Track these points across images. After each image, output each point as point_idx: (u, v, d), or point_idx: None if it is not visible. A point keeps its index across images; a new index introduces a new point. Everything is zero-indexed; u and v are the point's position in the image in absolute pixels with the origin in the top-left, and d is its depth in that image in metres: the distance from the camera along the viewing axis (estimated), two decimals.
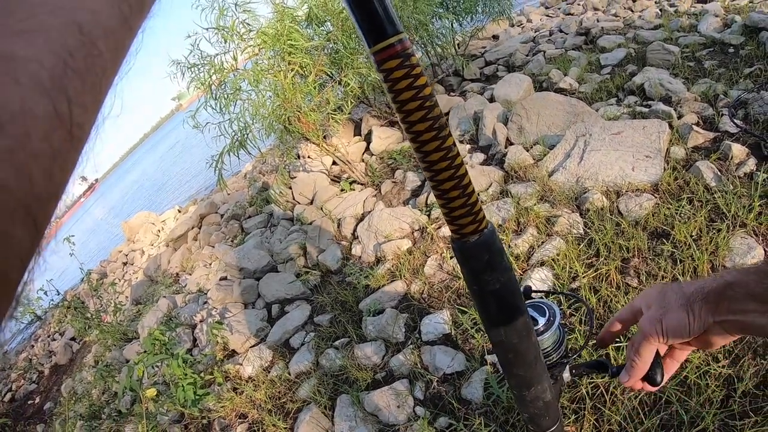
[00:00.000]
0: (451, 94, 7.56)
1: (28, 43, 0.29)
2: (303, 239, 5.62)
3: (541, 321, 1.09)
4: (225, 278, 5.93)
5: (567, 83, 6.04)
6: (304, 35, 5.55)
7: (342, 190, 6.33)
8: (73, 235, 7.90)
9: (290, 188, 6.84)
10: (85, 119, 0.33)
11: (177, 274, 8.03)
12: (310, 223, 5.96)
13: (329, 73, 6.00)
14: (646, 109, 4.80)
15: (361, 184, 6.21)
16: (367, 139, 7.23)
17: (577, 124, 4.60)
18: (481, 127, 5.61)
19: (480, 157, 5.30)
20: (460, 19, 7.90)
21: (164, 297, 6.57)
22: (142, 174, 52.71)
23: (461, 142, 5.80)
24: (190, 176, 23.62)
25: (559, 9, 11.66)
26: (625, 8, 9.26)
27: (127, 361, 5.82)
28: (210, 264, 7.05)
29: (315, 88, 5.47)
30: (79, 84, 0.32)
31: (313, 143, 5.86)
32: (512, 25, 10.39)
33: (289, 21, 5.36)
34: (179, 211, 14.68)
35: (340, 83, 5.91)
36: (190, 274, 7.21)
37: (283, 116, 5.35)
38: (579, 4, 10.91)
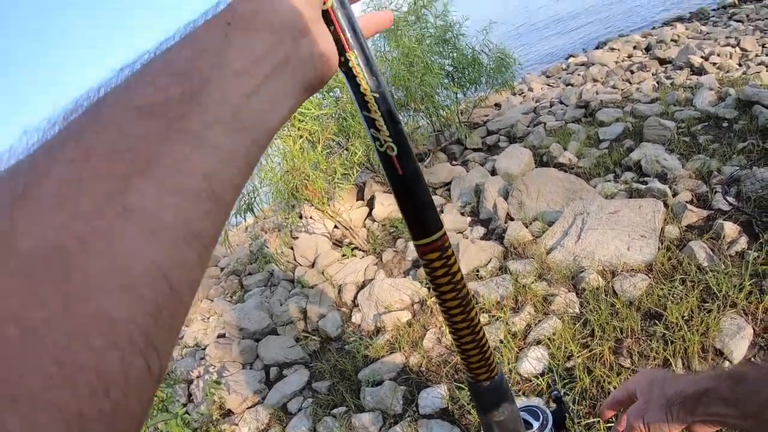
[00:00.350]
0: (453, 162, 7.70)
1: (123, 302, 0.31)
2: (303, 303, 5.68)
3: (535, 425, 1.19)
4: (223, 335, 5.97)
5: (566, 158, 6.18)
6: (314, 101, 5.72)
7: (343, 255, 6.40)
8: None
9: (292, 249, 6.91)
10: (166, 362, 0.35)
11: None
12: (311, 287, 6.01)
13: (337, 140, 6.14)
14: (643, 186, 4.92)
15: (363, 251, 6.29)
16: (370, 204, 7.30)
17: (575, 202, 4.73)
18: (482, 200, 5.73)
19: (480, 230, 5.40)
20: (465, 89, 8.13)
21: None
22: None
23: (462, 214, 5.91)
24: None
25: (559, 78, 11.98)
26: (623, 80, 9.50)
27: None
28: (208, 318, 7.06)
29: (323, 156, 5.60)
30: (166, 335, 0.34)
31: (317, 208, 5.98)
32: (514, 94, 10.61)
33: None
34: None
35: (347, 150, 6.05)
36: (187, 326, 7.22)
37: (291, 183, 5.47)
38: (579, 75, 11.20)
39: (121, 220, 0.32)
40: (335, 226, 6.90)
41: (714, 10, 14.97)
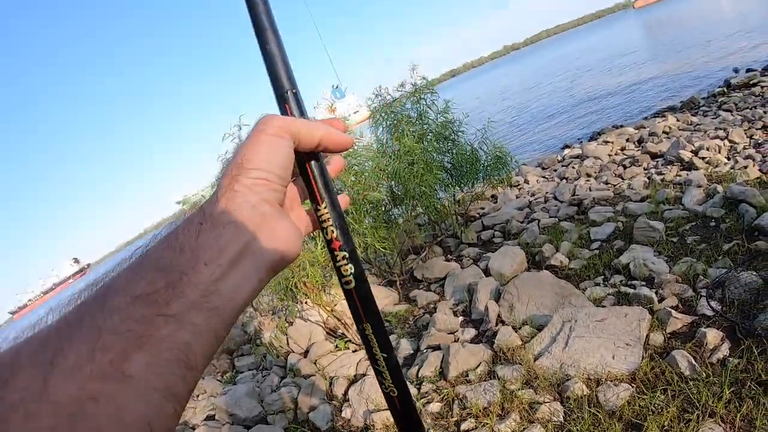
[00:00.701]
0: (449, 257, 7.86)
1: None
2: (295, 392, 5.71)
3: None
4: (213, 417, 5.98)
5: (558, 260, 6.34)
6: None
7: (336, 347, 6.46)
8: None
9: (286, 334, 6.95)
10: (185, 404, 0.53)
11: None
12: (304, 377, 6.06)
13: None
14: (631, 290, 5.05)
15: (356, 345, 6.35)
16: None
17: (564, 309, 4.86)
18: (474, 300, 5.85)
19: (471, 332, 5.50)
20: (462, 185, 8.34)
21: None
22: None
23: (455, 313, 6.02)
24: None
25: (554, 171, 12.22)
26: (615, 175, 9.71)
27: None
28: (197, 396, 7.02)
29: (322, 252, 5.74)
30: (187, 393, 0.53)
31: (313, 302, 6.08)
32: (510, 186, 10.79)
33: None
34: None
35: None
36: None
37: (291, 280, 5.59)
38: (573, 167, 11.44)
39: (121, 383, 0.47)
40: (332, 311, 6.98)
41: (704, 98, 15.37)
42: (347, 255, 0.74)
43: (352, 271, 0.74)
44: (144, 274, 0.55)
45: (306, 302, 7.34)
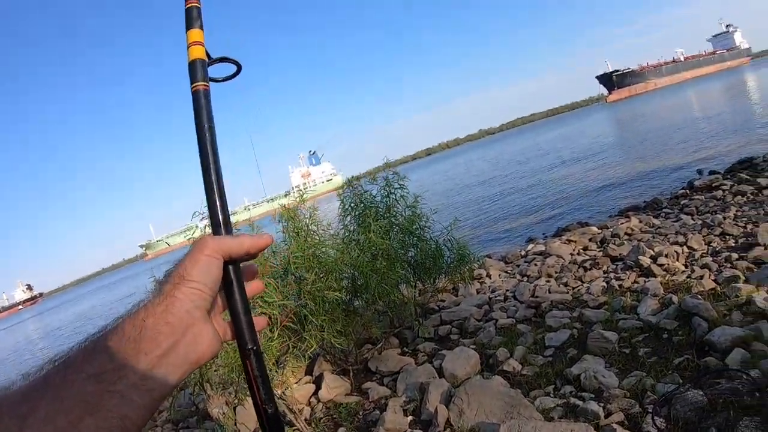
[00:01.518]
0: (405, 349, 7.83)
1: None
2: None
3: None
4: None
5: (511, 366, 6.38)
6: (278, 288, 5.93)
7: None
8: None
9: (234, 410, 6.78)
10: None
11: None
12: None
13: (294, 326, 6.23)
14: (580, 403, 5.08)
15: None
16: (318, 382, 7.33)
17: (511, 421, 4.83)
18: (425, 400, 5.83)
19: None
20: (424, 281, 8.40)
21: None
22: (90, 310, 50.93)
23: (405, 412, 5.96)
24: None
25: (517, 267, 12.40)
26: (575, 277, 9.86)
27: None
28: None
29: (276, 346, 5.70)
30: None
31: None
32: (472, 279, 10.83)
33: (267, 276, 5.79)
34: None
35: (300, 341, 6.14)
36: None
37: (243, 372, 5.50)
38: (535, 265, 11.59)
39: None
40: (280, 397, 6.85)
41: (667, 199, 15.84)
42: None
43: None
44: (97, 356, 0.72)
45: None
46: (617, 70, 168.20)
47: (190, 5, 1.28)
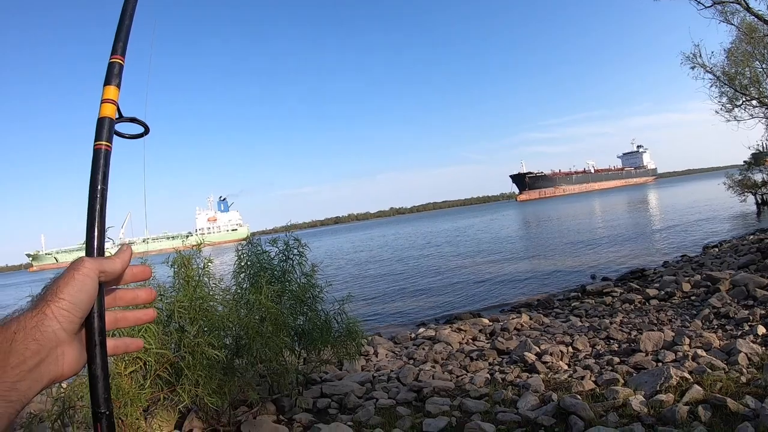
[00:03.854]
0: (281, 417, 7.58)
1: None
2: None
3: None
4: None
5: None
6: (158, 335, 5.76)
7: None
8: None
9: None
10: None
11: None
12: None
13: (169, 378, 5.94)
14: None
15: None
16: None
17: None
18: None
19: None
20: (310, 350, 8.19)
21: None
22: None
23: None
24: None
25: (405, 348, 12.42)
26: (461, 366, 9.92)
27: None
28: None
29: (145, 397, 5.44)
30: None
31: None
32: (359, 355, 10.68)
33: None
34: None
35: (171, 393, 5.88)
36: None
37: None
38: (423, 349, 11.64)
39: None
40: None
41: (559, 300, 16.46)
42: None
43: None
44: None
45: None
46: (530, 172, 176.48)
47: (113, 60, 1.26)
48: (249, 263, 7.93)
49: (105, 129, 1.13)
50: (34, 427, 5.52)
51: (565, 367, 8.91)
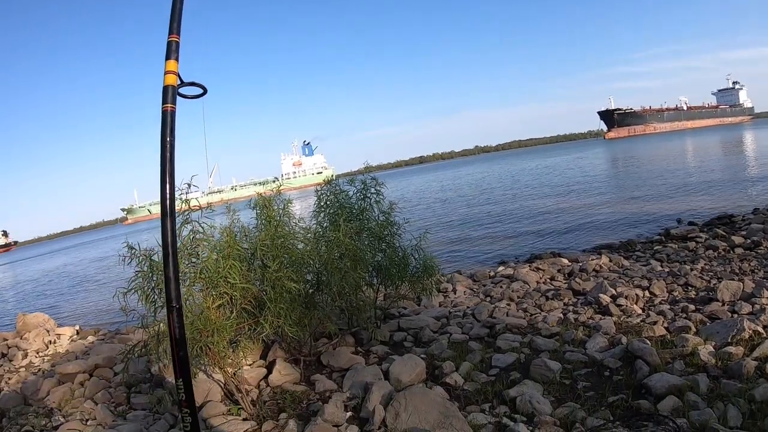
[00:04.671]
0: (359, 348, 8.04)
1: None
2: None
3: None
4: None
5: (453, 379, 6.60)
6: (242, 271, 6.16)
7: (229, 411, 6.45)
8: None
9: None
10: None
11: (52, 410, 7.82)
12: None
13: (252, 310, 6.38)
14: (511, 423, 5.27)
15: (247, 413, 6.36)
16: (269, 367, 7.50)
17: (443, 429, 5.00)
18: (367, 399, 6.00)
19: (354, 429, 5.63)
20: (387, 286, 8.55)
21: None
22: (63, 267, 51.22)
23: (346, 407, 6.13)
24: (105, 297, 23.31)
25: (483, 286, 12.64)
26: (535, 305, 10.10)
27: None
28: (87, 421, 6.93)
29: (232, 326, 5.88)
30: None
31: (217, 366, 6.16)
32: (438, 291, 10.98)
33: (233, 258, 6.02)
34: (77, 332, 14.74)
35: (256, 324, 6.31)
36: (65, 419, 7.15)
37: (196, 345, 5.66)
38: (501, 287, 11.84)
39: None
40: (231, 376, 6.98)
41: (642, 243, 16.04)
42: None
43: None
44: None
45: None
46: (619, 109, 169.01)
47: (170, 39, 1.82)
48: (328, 203, 8.35)
49: (169, 94, 1.68)
50: (129, 357, 6.12)
51: (639, 312, 8.93)
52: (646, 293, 9.99)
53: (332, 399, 6.21)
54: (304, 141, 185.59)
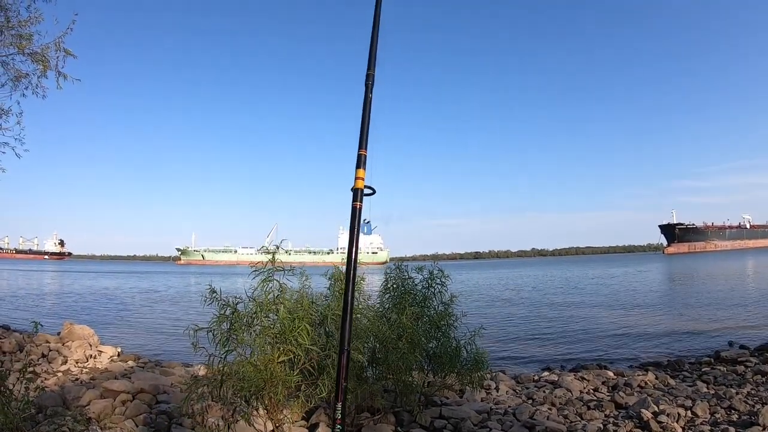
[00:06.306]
0: (398, 429, 8.30)
1: None
2: None
3: None
4: None
5: None
6: (311, 335, 6.71)
7: None
8: None
9: (228, 427, 7.14)
10: None
11: (90, 419, 8.05)
12: None
13: (312, 371, 6.84)
14: None
15: None
16: (311, 429, 7.87)
17: None
18: None
19: None
20: (437, 373, 8.93)
21: None
22: (113, 289, 53.11)
23: None
24: (148, 327, 25.12)
25: (526, 389, 12.75)
26: (576, 413, 10.18)
27: None
28: None
29: (294, 381, 6.48)
30: None
31: (268, 414, 6.61)
32: (481, 387, 11.20)
33: (304, 321, 6.67)
34: (118, 354, 15.43)
35: (314, 385, 6.79)
36: (102, 431, 7.54)
37: (260, 392, 6.16)
38: (544, 392, 11.95)
39: None
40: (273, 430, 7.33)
41: (690, 363, 15.88)
42: None
43: None
44: None
45: (258, 410, 7.72)
46: (681, 224, 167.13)
47: (360, 153, 3.08)
48: (395, 285, 8.88)
49: (358, 195, 2.86)
50: (194, 388, 6.57)
51: (679, 430, 9.02)
52: (689, 413, 9.99)
53: None
54: (365, 219, 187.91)
